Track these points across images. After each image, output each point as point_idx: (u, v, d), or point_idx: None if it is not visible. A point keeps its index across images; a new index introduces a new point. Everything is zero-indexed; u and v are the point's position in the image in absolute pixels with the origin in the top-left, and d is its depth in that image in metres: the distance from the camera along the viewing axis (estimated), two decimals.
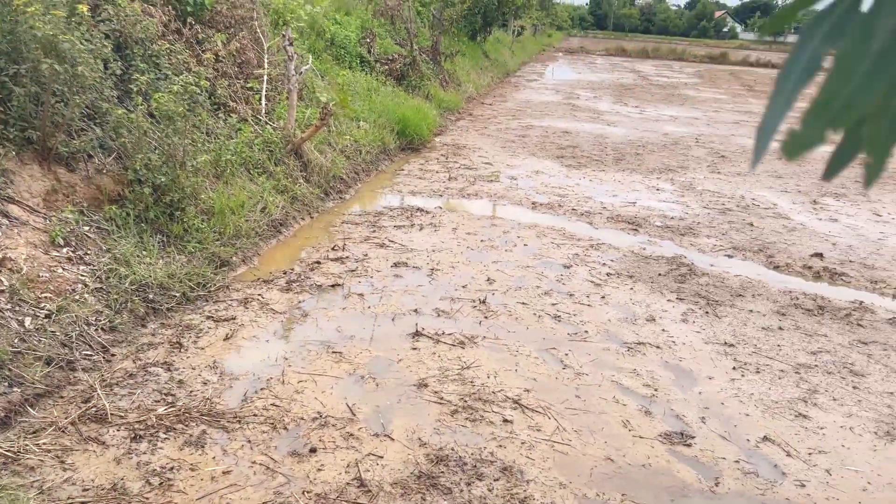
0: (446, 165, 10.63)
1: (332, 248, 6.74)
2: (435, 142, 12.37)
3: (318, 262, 6.36)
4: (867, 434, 4.27)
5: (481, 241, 7.26)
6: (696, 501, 3.58)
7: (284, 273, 6.08)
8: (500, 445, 3.86)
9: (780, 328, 5.66)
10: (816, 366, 5.07)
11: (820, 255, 7.48)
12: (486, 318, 5.45)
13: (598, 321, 5.55)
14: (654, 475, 3.75)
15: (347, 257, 6.53)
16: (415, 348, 4.90)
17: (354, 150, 9.79)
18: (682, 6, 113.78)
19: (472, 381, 4.49)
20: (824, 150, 0.70)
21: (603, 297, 6.01)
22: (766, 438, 4.13)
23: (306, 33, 11.71)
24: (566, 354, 4.97)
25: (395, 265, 6.41)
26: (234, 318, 5.14)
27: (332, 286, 5.87)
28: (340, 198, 8.58)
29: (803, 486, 3.75)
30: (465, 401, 4.26)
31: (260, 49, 9.13)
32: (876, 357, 5.29)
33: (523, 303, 5.78)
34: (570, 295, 6.01)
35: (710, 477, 3.76)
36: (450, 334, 5.12)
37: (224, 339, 4.82)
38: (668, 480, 3.71)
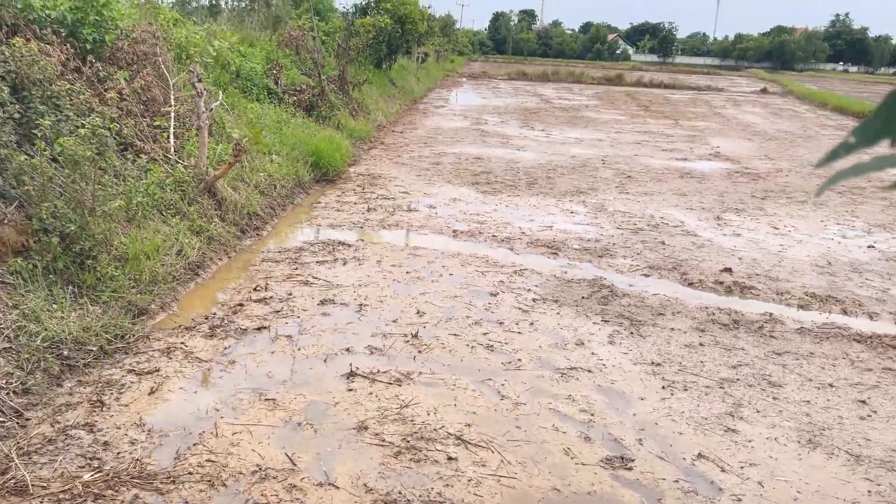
0: (363, 196, 10.57)
1: (255, 289, 6.56)
2: (350, 172, 12.30)
3: (241, 305, 6.18)
4: (791, 444, 4.48)
5: (407, 272, 7.24)
6: None
7: (206, 318, 5.87)
8: (448, 485, 3.83)
9: (701, 344, 5.89)
10: (738, 379, 5.30)
11: (729, 270, 7.85)
12: (419, 352, 5.42)
13: (530, 348, 5.61)
14: (601, 502, 3.80)
15: (271, 297, 6.37)
16: (350, 389, 4.81)
17: (269, 184, 9.61)
18: (577, 30, 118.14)
19: (412, 420, 4.44)
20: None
21: (532, 324, 6.09)
22: (700, 455, 4.27)
23: (211, 67, 11.47)
24: (502, 385, 5.00)
25: (322, 303, 6.29)
26: (158, 370, 4.91)
27: (258, 329, 5.71)
28: (258, 235, 8.38)
29: (739, 500, 3.89)
30: (408, 441, 4.21)
31: (165, 85, 8.86)
32: (790, 367, 5.57)
33: (455, 334, 5.78)
34: (500, 323, 6.06)
35: (654, 499, 3.85)
36: (385, 372, 5.06)
37: (149, 394, 4.59)
38: None
